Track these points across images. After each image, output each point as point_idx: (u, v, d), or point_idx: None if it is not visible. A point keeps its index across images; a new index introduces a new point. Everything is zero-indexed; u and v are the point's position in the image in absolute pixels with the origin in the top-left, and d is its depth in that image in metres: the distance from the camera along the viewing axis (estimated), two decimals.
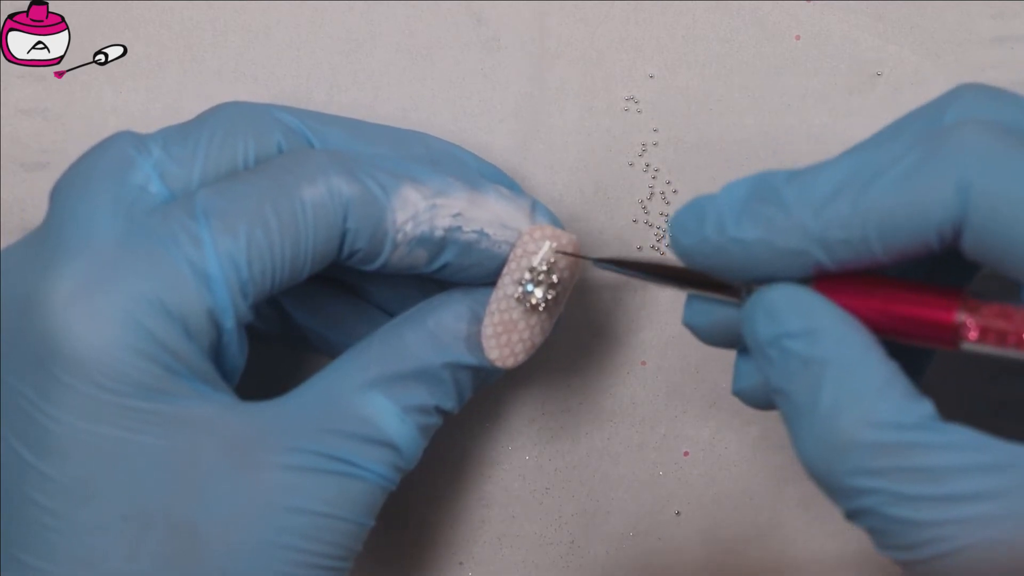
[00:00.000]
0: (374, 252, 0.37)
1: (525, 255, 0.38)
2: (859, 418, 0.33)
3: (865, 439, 0.33)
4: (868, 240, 0.34)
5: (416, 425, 0.38)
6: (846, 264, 0.35)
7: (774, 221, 0.35)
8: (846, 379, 0.34)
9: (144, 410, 0.34)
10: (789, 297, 0.35)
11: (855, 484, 0.33)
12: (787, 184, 0.35)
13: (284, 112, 0.39)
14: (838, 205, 0.34)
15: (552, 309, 0.39)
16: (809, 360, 0.34)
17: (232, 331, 0.36)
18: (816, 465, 0.34)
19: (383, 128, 0.41)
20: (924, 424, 0.33)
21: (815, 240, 0.34)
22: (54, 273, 0.35)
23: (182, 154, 0.37)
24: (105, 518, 0.35)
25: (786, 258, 0.35)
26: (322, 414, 0.36)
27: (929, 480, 0.32)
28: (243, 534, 0.35)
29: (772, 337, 0.35)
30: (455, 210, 0.38)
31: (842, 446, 0.33)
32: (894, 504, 0.33)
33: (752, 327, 0.36)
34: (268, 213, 0.36)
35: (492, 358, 0.39)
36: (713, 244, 0.36)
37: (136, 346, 0.34)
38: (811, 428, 0.34)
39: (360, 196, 0.36)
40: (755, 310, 0.36)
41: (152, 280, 0.34)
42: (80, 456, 0.34)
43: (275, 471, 0.35)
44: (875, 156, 0.34)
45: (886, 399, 0.33)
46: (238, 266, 0.35)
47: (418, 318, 0.39)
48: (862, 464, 0.33)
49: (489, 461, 0.47)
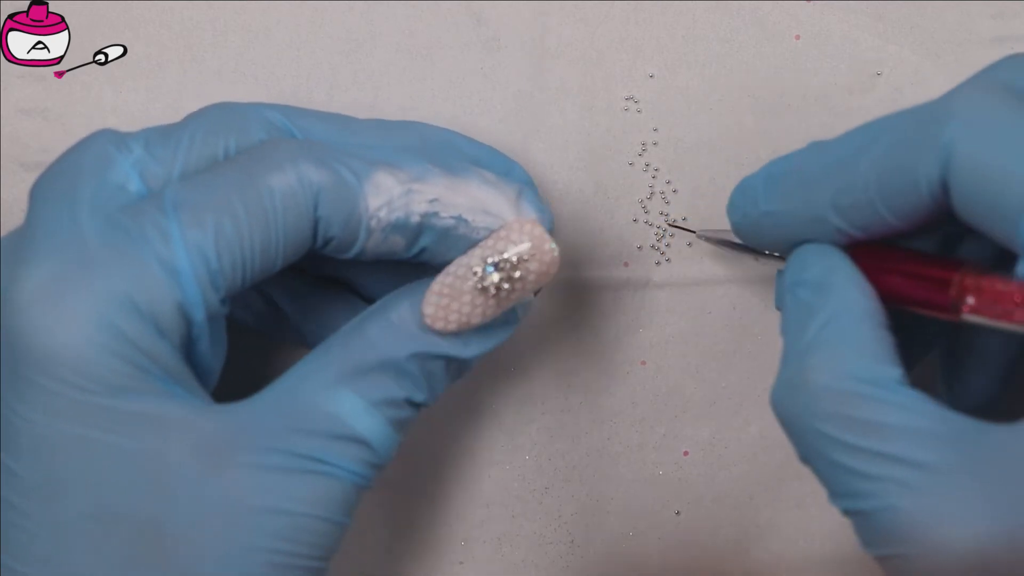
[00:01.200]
0: (349, 239, 0.37)
1: (504, 241, 0.38)
2: (827, 362, 0.35)
3: (825, 382, 0.35)
4: (873, 203, 0.36)
5: (386, 419, 0.37)
6: (866, 228, 0.37)
7: (792, 192, 0.38)
8: (832, 329, 0.36)
9: (113, 409, 0.34)
10: (817, 252, 0.38)
11: (810, 425, 0.35)
12: (806, 157, 0.38)
13: (270, 109, 0.39)
14: (845, 172, 0.36)
15: (501, 300, 0.38)
16: (812, 308, 0.37)
17: (203, 324, 0.36)
18: (781, 401, 0.36)
19: (372, 121, 0.40)
20: (885, 384, 0.34)
21: (830, 206, 0.37)
22: (25, 271, 0.34)
23: (163, 153, 0.37)
24: (70, 517, 0.34)
25: (810, 225, 0.38)
26: (290, 413, 0.36)
27: (876, 435, 0.34)
28: (212, 535, 0.35)
29: (791, 284, 0.38)
30: (432, 195, 0.37)
31: (805, 385, 0.35)
32: (840, 451, 0.34)
33: (784, 274, 0.39)
34: (236, 203, 0.35)
35: (425, 312, 0.38)
36: (752, 218, 0.40)
37: (105, 344, 0.34)
38: (786, 366, 0.36)
39: (331, 183, 0.36)
40: (791, 260, 0.39)
41: (121, 277, 0.34)
42: (47, 454, 0.34)
43: (244, 471, 0.35)
44: (881, 127, 0.36)
45: (859, 354, 0.35)
46: (207, 258, 0.35)
47: (380, 311, 0.38)
48: (819, 406, 0.35)
49: (489, 461, 0.47)
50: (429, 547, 0.47)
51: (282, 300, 0.43)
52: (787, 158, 0.39)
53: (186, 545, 0.35)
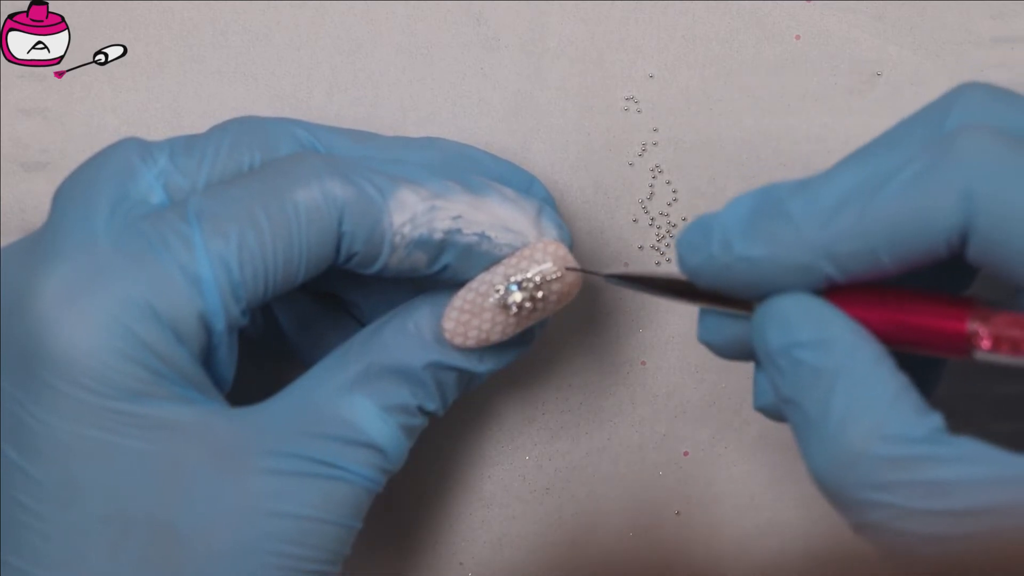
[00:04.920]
0: (372, 255, 0.37)
1: (527, 260, 0.38)
2: (870, 431, 0.33)
3: (875, 452, 0.33)
4: (876, 251, 0.33)
5: (399, 426, 0.38)
6: (855, 276, 0.34)
7: (780, 237, 0.34)
8: (857, 391, 0.33)
9: (128, 413, 0.34)
10: (800, 306, 0.35)
11: (865, 497, 0.33)
12: (791, 197, 0.34)
13: (295, 125, 0.39)
14: (844, 217, 0.34)
15: (522, 319, 0.39)
16: (820, 371, 0.34)
17: (223, 334, 0.36)
18: (826, 478, 0.34)
19: (394, 138, 0.41)
20: (934, 437, 0.33)
21: (823, 254, 0.34)
22: (43, 275, 0.35)
23: (187, 165, 0.37)
24: (86, 520, 0.35)
25: (795, 273, 0.34)
26: (304, 418, 0.36)
27: (939, 494, 0.32)
28: (226, 538, 0.35)
29: (782, 346, 0.35)
30: (455, 212, 0.38)
31: (852, 459, 0.33)
32: (903, 518, 0.33)
33: (763, 336, 0.35)
34: (260, 216, 0.35)
35: (445, 327, 0.38)
36: (720, 263, 0.35)
37: (121, 349, 0.34)
38: (821, 440, 0.34)
39: (355, 198, 0.36)
40: (765, 319, 0.35)
41: (141, 284, 0.34)
42: (63, 458, 0.34)
43: (258, 475, 0.35)
44: (879, 165, 0.34)
45: (897, 412, 0.33)
46: (229, 269, 0.35)
47: (398, 319, 0.39)
48: (872, 477, 0.33)
49: (489, 461, 0.47)
50: (429, 547, 0.47)
51: (281, 313, 0.43)
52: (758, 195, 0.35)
53: (201, 548, 0.35)
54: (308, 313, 0.43)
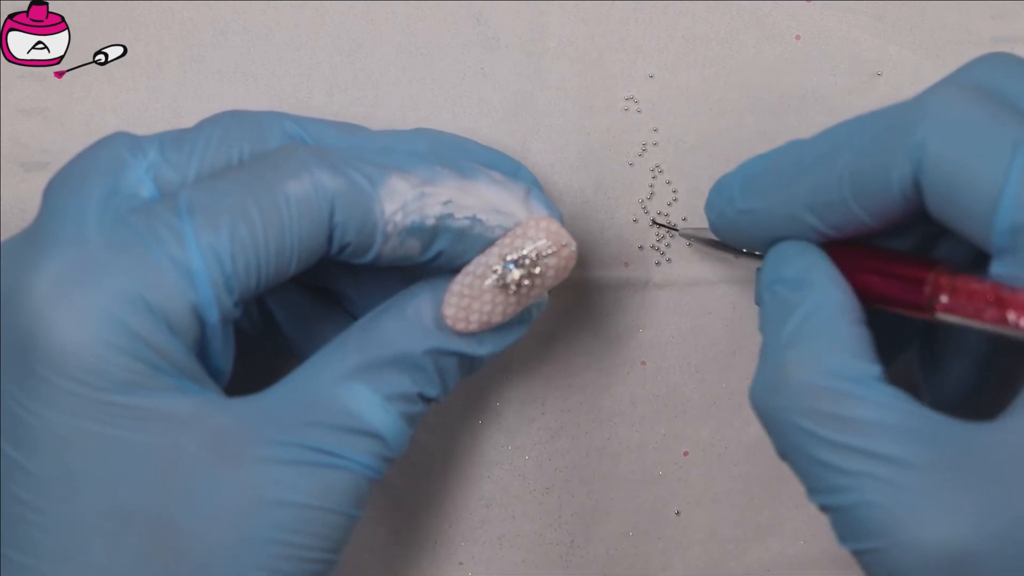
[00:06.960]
0: (365, 244, 0.37)
1: (522, 238, 0.38)
2: (808, 359, 0.35)
3: (806, 379, 0.35)
4: (847, 202, 0.36)
5: (399, 413, 0.37)
6: (841, 228, 0.37)
7: (770, 191, 0.38)
8: (810, 324, 0.36)
9: (123, 405, 0.34)
10: (795, 249, 0.38)
11: (788, 419, 0.35)
12: (783, 155, 0.38)
13: (284, 118, 0.39)
14: (819, 169, 0.36)
15: (521, 297, 0.38)
16: (789, 303, 0.37)
17: (216, 326, 0.36)
18: (759, 397, 0.36)
19: (383, 130, 0.41)
20: (864, 381, 0.35)
21: (805, 205, 0.37)
22: (35, 269, 0.35)
23: (177, 158, 0.37)
24: (85, 514, 0.35)
25: (786, 224, 0.38)
26: (304, 407, 0.36)
27: (853, 431, 0.34)
28: (226, 529, 0.35)
29: (769, 281, 0.38)
30: (445, 197, 0.37)
31: (783, 381, 0.35)
32: (818, 446, 0.35)
33: (762, 271, 0.39)
34: (251, 208, 0.35)
35: (446, 314, 0.38)
36: (728, 217, 0.40)
37: (115, 342, 0.34)
38: (765, 362, 0.36)
39: (346, 189, 0.36)
40: (767, 259, 0.39)
41: (133, 277, 0.34)
42: (59, 452, 0.34)
43: (258, 465, 0.35)
44: (861, 120, 0.36)
45: (839, 351, 0.35)
46: (221, 261, 0.35)
47: (397, 306, 0.38)
48: (798, 402, 0.35)
49: (489, 461, 0.47)
50: (429, 547, 0.47)
51: (275, 306, 0.43)
52: (764, 157, 0.39)
53: (200, 539, 0.35)
54: (303, 308, 0.43)
